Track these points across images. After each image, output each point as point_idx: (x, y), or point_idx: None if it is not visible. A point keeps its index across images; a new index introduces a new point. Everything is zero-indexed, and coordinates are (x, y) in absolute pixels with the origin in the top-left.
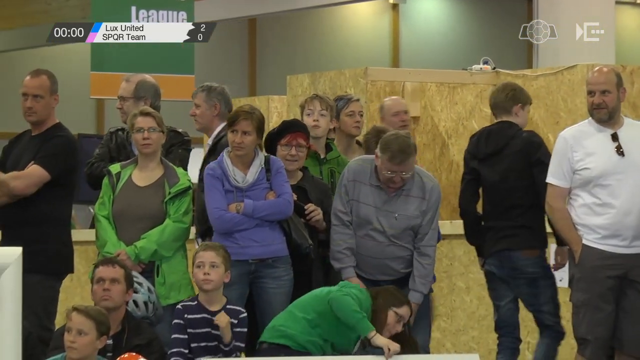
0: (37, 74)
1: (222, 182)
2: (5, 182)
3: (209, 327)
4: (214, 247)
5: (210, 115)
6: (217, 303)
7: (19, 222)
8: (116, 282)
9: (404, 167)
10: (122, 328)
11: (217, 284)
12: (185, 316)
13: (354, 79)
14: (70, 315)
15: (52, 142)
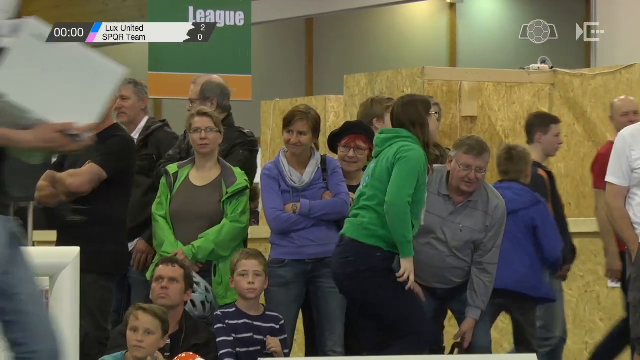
0: None
1: (278, 182)
2: (62, 180)
3: (250, 332)
4: (256, 255)
5: (139, 109)
6: (257, 309)
7: (75, 222)
8: (175, 281)
9: (480, 160)
10: (180, 328)
11: (259, 292)
12: (227, 322)
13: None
14: (136, 314)
15: (109, 142)
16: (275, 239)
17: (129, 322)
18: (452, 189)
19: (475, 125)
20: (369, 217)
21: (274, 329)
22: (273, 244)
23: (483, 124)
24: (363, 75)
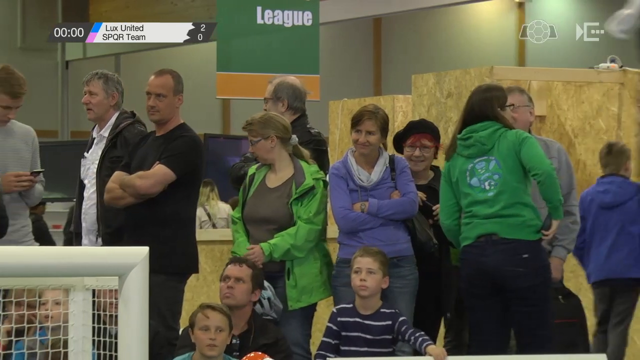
0: (162, 74)
1: (346, 181)
2: (131, 182)
3: (359, 332)
4: (372, 253)
5: (107, 105)
6: (372, 308)
7: (144, 223)
8: (241, 281)
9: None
10: (248, 327)
11: (373, 290)
12: (338, 319)
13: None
14: (206, 313)
15: (177, 142)
16: (343, 238)
17: (197, 321)
18: None
19: (544, 125)
20: (527, 213)
21: (388, 326)
22: (341, 244)
23: (552, 123)
24: (431, 75)
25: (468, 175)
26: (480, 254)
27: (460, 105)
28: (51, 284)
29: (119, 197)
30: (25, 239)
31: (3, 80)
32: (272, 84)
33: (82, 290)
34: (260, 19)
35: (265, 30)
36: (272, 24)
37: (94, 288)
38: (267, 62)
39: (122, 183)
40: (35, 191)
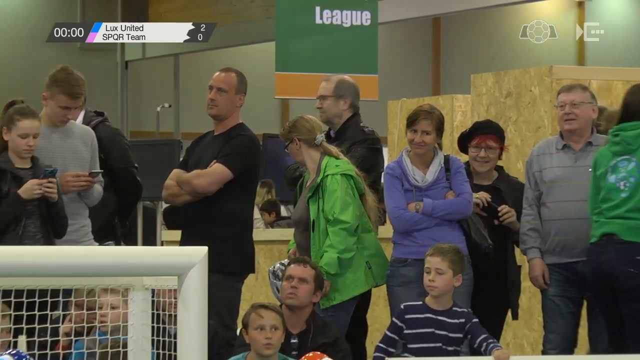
0: (227, 71)
1: (401, 181)
2: (188, 181)
3: (432, 328)
4: (442, 251)
5: None
6: (444, 304)
7: (201, 221)
8: (304, 281)
9: (572, 94)
10: (307, 327)
11: (442, 290)
12: (405, 317)
13: (538, 77)
14: (260, 312)
15: (235, 141)
16: (398, 238)
17: (251, 321)
18: (565, 137)
19: None
20: None
21: (460, 324)
22: (395, 243)
23: None
24: (490, 74)
25: (610, 171)
26: (600, 252)
27: (520, 105)
28: (110, 284)
29: (176, 194)
30: (84, 238)
31: (62, 81)
32: (330, 82)
33: (142, 290)
34: (319, 19)
35: (324, 30)
36: (330, 24)
37: (153, 288)
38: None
39: (179, 180)
40: (94, 191)
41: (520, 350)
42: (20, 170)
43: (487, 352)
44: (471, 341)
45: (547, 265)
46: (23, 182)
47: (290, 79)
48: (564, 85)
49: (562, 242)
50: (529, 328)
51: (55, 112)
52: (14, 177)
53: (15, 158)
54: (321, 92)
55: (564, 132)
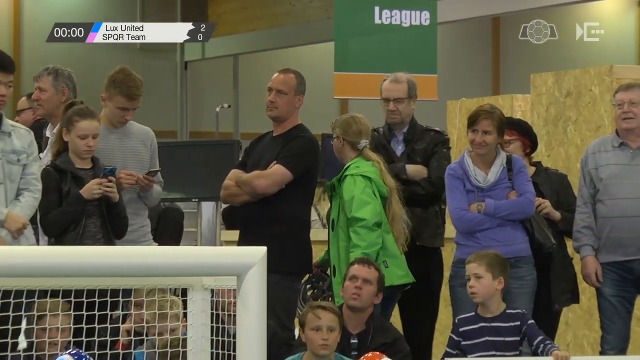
0: (286, 72)
1: (463, 182)
2: (248, 181)
3: (487, 336)
4: (478, 256)
5: (57, 101)
6: (496, 310)
7: (259, 222)
8: (368, 282)
9: (630, 93)
10: (366, 328)
11: (484, 294)
12: (460, 330)
13: (598, 77)
14: (317, 313)
15: (294, 143)
16: (460, 238)
17: (308, 321)
18: (622, 136)
19: None
20: None
21: (516, 327)
22: (458, 244)
23: None
24: (550, 74)
25: None
26: None
27: (580, 105)
28: (170, 284)
29: (235, 194)
30: (143, 238)
31: (120, 82)
32: (401, 83)
33: (201, 290)
34: (378, 19)
35: (382, 30)
36: (389, 24)
37: (212, 288)
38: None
39: (239, 181)
40: (154, 191)
41: (580, 350)
42: (81, 171)
43: (545, 353)
44: (528, 343)
45: (602, 265)
46: (83, 183)
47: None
48: (622, 84)
49: (618, 239)
50: (589, 328)
51: (114, 113)
52: (74, 178)
53: (76, 159)
54: (397, 95)
55: (621, 130)
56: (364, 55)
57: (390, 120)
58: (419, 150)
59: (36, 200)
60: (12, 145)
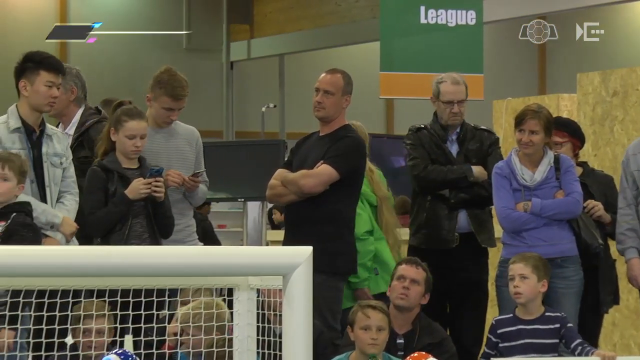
0: (334, 72)
1: (509, 181)
2: (295, 181)
3: (526, 339)
4: (524, 257)
5: (67, 100)
6: (535, 312)
7: (305, 221)
8: (416, 283)
9: None
10: (412, 327)
11: (529, 295)
12: (498, 331)
13: None
14: (366, 312)
15: (341, 142)
16: (507, 238)
17: (358, 320)
18: None
19: None
20: None
21: (555, 329)
22: (504, 244)
23: None
24: (596, 73)
25: None
26: None
27: (626, 104)
28: (216, 284)
29: (280, 194)
30: (189, 238)
31: (165, 83)
32: (462, 84)
33: (247, 289)
34: (424, 19)
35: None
36: (435, 24)
37: (258, 287)
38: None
39: (285, 181)
40: (199, 191)
41: (627, 350)
42: (128, 171)
43: (583, 356)
44: (565, 346)
45: None
46: (130, 183)
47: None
48: None
49: None
50: (636, 328)
51: (159, 114)
52: (121, 177)
53: (123, 158)
54: (461, 97)
55: None
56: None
57: (452, 122)
58: (473, 150)
59: (77, 203)
60: (54, 149)
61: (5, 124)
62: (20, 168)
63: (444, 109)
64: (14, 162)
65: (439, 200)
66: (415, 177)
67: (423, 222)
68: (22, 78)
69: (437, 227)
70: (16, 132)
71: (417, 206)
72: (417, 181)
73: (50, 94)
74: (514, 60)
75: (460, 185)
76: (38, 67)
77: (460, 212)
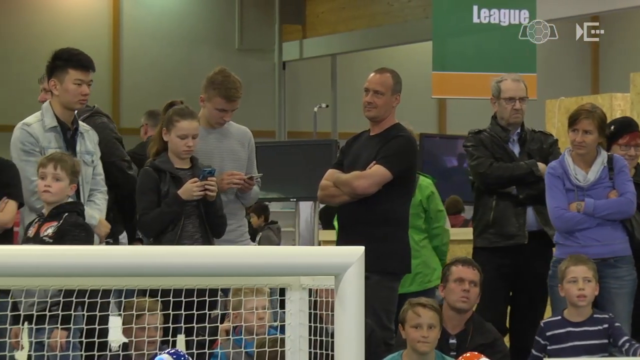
0: (383, 72)
1: (562, 181)
2: (348, 182)
3: (575, 341)
4: (584, 261)
5: None
6: (585, 314)
7: (359, 222)
8: (475, 284)
9: None
10: (465, 328)
11: (591, 299)
12: (547, 334)
13: None
14: (417, 310)
15: (393, 142)
16: (560, 238)
17: (409, 319)
18: None
19: None
20: None
21: (605, 330)
22: (557, 244)
23: None
24: None
25: None
26: None
27: None
28: (268, 283)
29: (333, 194)
30: (241, 238)
31: (219, 84)
32: (522, 82)
33: (299, 289)
34: (477, 18)
35: (481, 29)
36: (488, 23)
37: (310, 287)
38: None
39: (337, 181)
40: (252, 192)
41: None
42: (180, 171)
43: (631, 353)
44: (612, 344)
45: None
46: (182, 183)
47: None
48: None
49: None
50: None
51: (212, 114)
52: (173, 178)
53: (175, 158)
54: (522, 94)
55: None
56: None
57: (514, 119)
58: (535, 150)
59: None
60: (86, 147)
61: (40, 123)
62: (72, 168)
63: (505, 107)
64: (66, 162)
65: (505, 198)
66: (480, 175)
67: (491, 221)
68: (52, 77)
69: (507, 225)
70: (52, 131)
71: (482, 206)
72: (483, 178)
73: (80, 91)
74: (566, 59)
75: (526, 181)
76: (66, 65)
77: (527, 209)
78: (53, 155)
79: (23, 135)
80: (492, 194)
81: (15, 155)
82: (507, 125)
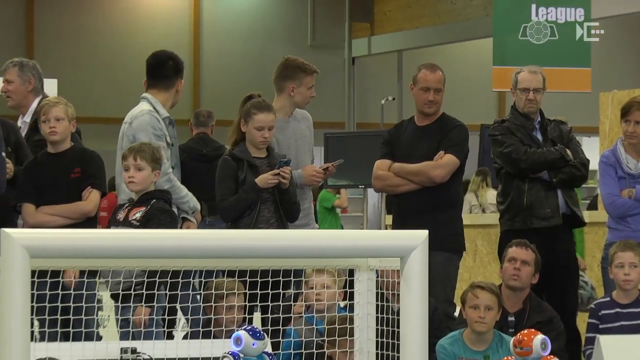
0: (435, 69)
1: (615, 169)
2: (423, 172)
3: (622, 321)
4: (632, 246)
5: (25, 91)
6: (632, 297)
7: (429, 207)
8: (527, 264)
9: None
10: (523, 306)
11: (637, 283)
12: (599, 313)
13: None
14: (475, 292)
15: (455, 132)
16: (612, 222)
17: (468, 300)
18: None
19: None
20: None
21: None
22: (610, 228)
23: None
24: None
25: None
26: None
27: None
28: (338, 265)
29: (396, 184)
30: (305, 220)
31: (301, 64)
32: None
33: (367, 270)
34: (534, 16)
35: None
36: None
37: (377, 268)
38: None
39: (405, 171)
40: None
41: None
42: (257, 160)
43: None
44: None
45: None
46: (259, 171)
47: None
48: None
49: None
50: None
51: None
52: (250, 166)
53: (252, 148)
54: (536, 85)
55: None
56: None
57: (528, 109)
58: (556, 137)
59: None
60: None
61: (153, 114)
62: (152, 156)
63: (520, 97)
64: (144, 152)
65: (537, 182)
66: (516, 160)
67: (525, 205)
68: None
69: (541, 207)
70: (168, 124)
71: (514, 190)
72: (518, 163)
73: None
74: (619, 53)
75: (557, 166)
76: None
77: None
78: (132, 146)
79: (153, 121)
80: (523, 179)
81: (147, 139)
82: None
